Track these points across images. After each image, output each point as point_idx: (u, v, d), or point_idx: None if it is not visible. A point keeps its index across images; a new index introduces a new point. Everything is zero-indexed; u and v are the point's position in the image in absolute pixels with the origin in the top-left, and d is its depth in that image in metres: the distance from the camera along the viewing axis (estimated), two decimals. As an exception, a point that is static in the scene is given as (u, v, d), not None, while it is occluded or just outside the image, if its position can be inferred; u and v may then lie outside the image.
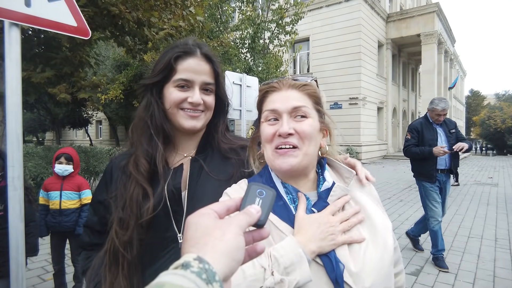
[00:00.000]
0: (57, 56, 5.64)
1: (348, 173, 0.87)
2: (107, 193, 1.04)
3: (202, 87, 1.01)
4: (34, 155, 6.60)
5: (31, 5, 2.01)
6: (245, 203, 0.50)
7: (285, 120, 0.80)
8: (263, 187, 0.52)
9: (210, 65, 1.03)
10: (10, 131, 1.82)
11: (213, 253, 0.39)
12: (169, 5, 6.01)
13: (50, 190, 3.09)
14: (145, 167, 0.98)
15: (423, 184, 4.14)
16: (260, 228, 0.49)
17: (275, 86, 0.85)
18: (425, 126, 4.15)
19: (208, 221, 0.44)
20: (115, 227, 0.95)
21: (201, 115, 1.02)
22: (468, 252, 4.50)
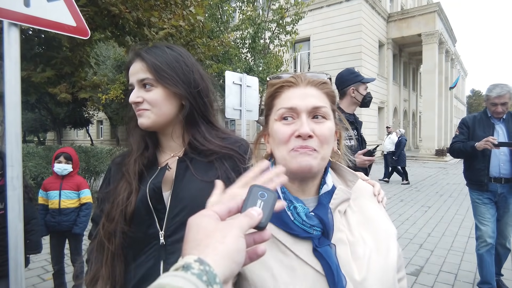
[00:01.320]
0: (57, 56, 5.65)
1: (352, 176, 0.84)
2: (105, 186, 1.13)
3: (139, 85, 1.04)
4: (35, 155, 6.61)
5: (30, 5, 2.01)
6: (246, 205, 0.49)
7: (304, 120, 0.73)
8: (265, 189, 0.52)
9: (142, 62, 1.04)
10: (9, 131, 1.82)
11: (214, 255, 0.39)
12: (169, 5, 6.02)
13: (49, 190, 3.10)
14: (133, 167, 1.04)
15: (471, 194, 3.39)
16: (261, 230, 0.49)
17: (292, 81, 0.77)
18: (478, 121, 3.26)
19: (209, 223, 0.44)
20: (103, 219, 1.03)
21: (145, 112, 1.03)
22: (468, 252, 4.49)
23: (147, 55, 1.05)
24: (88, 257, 1.12)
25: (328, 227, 0.72)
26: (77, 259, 3.23)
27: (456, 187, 10.34)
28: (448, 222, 6.07)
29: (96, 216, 1.14)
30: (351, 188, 0.83)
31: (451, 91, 27.49)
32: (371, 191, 0.90)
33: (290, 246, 0.72)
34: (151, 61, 1.03)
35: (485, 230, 3.18)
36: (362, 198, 0.85)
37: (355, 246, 0.74)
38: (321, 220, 0.73)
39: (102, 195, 1.11)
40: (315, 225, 0.72)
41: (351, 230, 0.77)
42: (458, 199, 8.35)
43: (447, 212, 6.85)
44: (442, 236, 5.22)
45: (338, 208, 0.78)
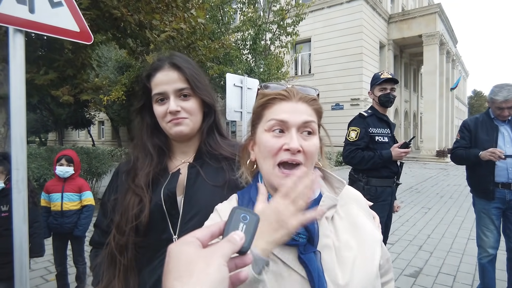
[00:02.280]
0: (60, 59, 5.69)
1: (339, 183, 0.86)
2: (113, 194, 1.13)
3: (177, 94, 1.06)
4: (37, 156, 6.66)
5: (35, 12, 2.05)
6: (228, 229, 0.48)
7: (294, 135, 0.75)
8: (247, 211, 0.51)
9: (179, 72, 1.06)
10: (14, 134, 1.86)
11: (198, 286, 0.38)
12: (170, 7, 6.06)
13: (52, 192, 3.14)
14: (139, 178, 1.05)
15: (476, 201, 3.15)
16: (243, 255, 0.48)
17: (285, 95, 0.79)
18: (481, 123, 3.04)
19: (190, 251, 0.43)
20: (113, 232, 1.03)
21: (185, 120, 1.06)
22: (467, 254, 4.51)
23: (183, 65, 1.07)
24: (92, 264, 1.13)
25: (313, 235, 0.75)
26: (79, 260, 3.27)
27: (457, 188, 10.36)
28: (448, 223, 6.08)
29: (100, 222, 1.16)
30: (338, 195, 0.85)
31: (452, 92, 27.48)
32: (359, 198, 0.92)
33: (277, 253, 0.74)
34: (189, 72, 1.07)
35: (488, 241, 3.02)
36: (350, 204, 0.87)
37: (341, 251, 0.76)
38: (306, 228, 0.75)
39: (111, 204, 1.10)
40: (301, 232, 0.74)
41: (338, 235, 0.79)
42: (459, 200, 8.37)
43: (447, 214, 6.87)
44: (441, 237, 5.25)
45: (326, 215, 0.80)
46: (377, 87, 2.91)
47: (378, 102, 2.92)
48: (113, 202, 1.09)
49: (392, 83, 2.89)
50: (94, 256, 1.16)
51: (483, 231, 3.05)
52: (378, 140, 2.84)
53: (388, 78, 2.86)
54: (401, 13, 22.89)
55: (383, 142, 2.86)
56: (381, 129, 2.89)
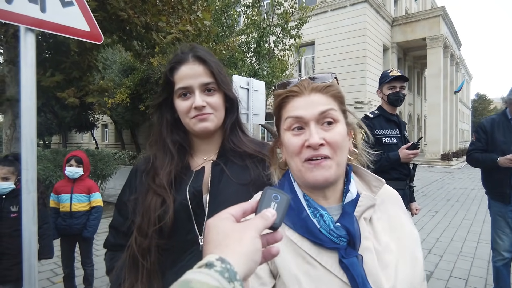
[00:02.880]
0: (66, 61, 5.71)
1: (377, 181, 0.82)
2: (132, 194, 1.07)
3: (202, 89, 1.02)
4: (43, 158, 6.67)
5: (46, 11, 2.04)
6: (261, 207, 0.51)
7: (313, 129, 0.72)
8: (278, 191, 0.54)
9: (204, 65, 1.03)
10: (24, 135, 1.84)
11: (234, 254, 0.42)
12: (176, 9, 6.07)
13: (61, 193, 3.12)
14: (160, 178, 1.00)
15: (491, 204, 3.09)
16: (275, 231, 0.51)
17: (295, 91, 0.76)
18: (498, 125, 2.95)
19: (227, 225, 0.47)
20: (135, 234, 0.98)
21: (210, 116, 1.02)
22: (477, 257, 4.45)
23: (208, 59, 1.03)
24: (109, 268, 1.08)
25: (355, 238, 0.71)
26: (87, 262, 3.24)
27: (463, 191, 10.27)
28: (456, 227, 6.01)
29: (117, 223, 1.10)
30: (375, 194, 0.81)
31: (456, 95, 27.36)
32: (396, 196, 0.88)
33: (315, 256, 0.71)
34: (214, 65, 1.03)
35: (503, 244, 2.96)
36: (387, 203, 0.83)
37: (382, 254, 0.73)
38: (347, 230, 0.71)
39: (132, 204, 1.04)
40: (342, 235, 0.71)
41: (377, 237, 0.75)
42: (466, 203, 8.28)
43: (455, 217, 6.79)
44: (450, 241, 5.18)
45: (364, 216, 0.76)
46: (385, 85, 2.82)
47: (387, 101, 2.82)
48: (133, 202, 1.04)
49: (401, 81, 2.79)
50: (110, 259, 1.10)
51: (499, 234, 2.98)
52: (385, 142, 2.75)
53: (398, 75, 2.76)
54: (404, 16, 22.86)
55: (390, 143, 2.76)
56: (388, 129, 2.80)
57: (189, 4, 6.35)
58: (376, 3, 19.67)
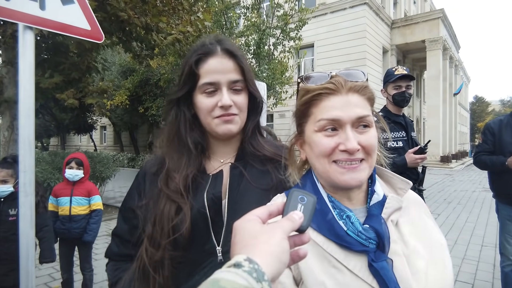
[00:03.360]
0: (65, 62, 5.66)
1: (403, 183, 0.78)
2: (140, 199, 0.97)
3: (230, 86, 0.93)
4: (41, 160, 6.59)
5: (45, 8, 1.98)
6: (287, 209, 0.51)
7: (350, 133, 0.67)
8: (304, 193, 0.53)
9: (234, 60, 0.94)
10: (22, 136, 1.78)
11: (261, 255, 0.42)
12: (177, 10, 6.03)
13: (60, 196, 3.05)
14: (176, 182, 0.90)
15: (500, 208, 2.98)
16: (302, 233, 0.51)
17: (332, 88, 0.70)
18: (506, 125, 2.85)
19: (254, 226, 0.47)
20: (145, 244, 0.88)
21: (235, 118, 0.93)
22: (482, 261, 4.39)
23: (238, 53, 0.94)
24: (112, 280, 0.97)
25: (384, 240, 0.67)
26: (86, 267, 3.17)
27: (464, 194, 10.23)
28: (459, 230, 5.96)
29: (121, 230, 1.00)
30: (402, 196, 0.77)
31: (455, 97, 27.41)
32: (421, 202, 0.84)
33: (342, 260, 0.67)
34: (244, 61, 0.95)
35: (511, 249, 2.86)
36: (412, 208, 0.79)
37: (412, 258, 0.69)
38: (377, 232, 0.67)
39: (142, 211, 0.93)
40: (371, 237, 0.67)
41: (405, 241, 0.71)
42: (467, 206, 8.24)
43: (457, 220, 6.74)
44: (454, 244, 5.12)
45: (391, 218, 0.72)
46: (390, 85, 2.66)
47: (392, 102, 2.68)
48: (144, 208, 0.93)
49: (407, 80, 2.64)
50: (114, 270, 0.99)
51: (507, 238, 2.88)
52: (390, 146, 2.59)
53: (403, 74, 2.61)
54: (403, 19, 22.90)
55: (396, 147, 2.62)
56: (394, 132, 2.65)
57: (189, 5, 6.31)
58: (375, 6, 19.71)
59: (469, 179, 14.38)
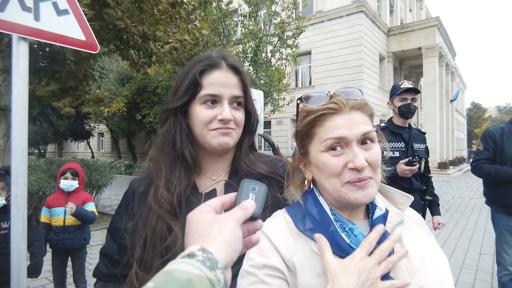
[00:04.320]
0: (62, 70, 5.64)
1: (404, 198, 0.79)
2: (128, 219, 0.94)
3: (231, 101, 0.92)
4: (36, 168, 6.53)
5: (40, 19, 1.98)
6: (240, 199, 0.53)
7: (357, 151, 0.68)
8: (255, 182, 0.56)
9: (238, 77, 0.94)
10: (15, 147, 1.76)
11: (215, 244, 0.44)
12: (174, 19, 6.06)
13: (54, 207, 3.01)
14: (167, 199, 0.87)
15: (496, 217, 2.93)
16: (255, 221, 0.53)
17: (335, 108, 0.71)
18: (507, 134, 2.76)
19: (207, 217, 0.49)
20: (135, 268, 0.85)
21: (232, 132, 0.92)
22: (481, 270, 4.36)
23: (242, 70, 0.95)
24: None
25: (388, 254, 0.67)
26: (80, 278, 3.12)
27: (462, 201, 10.22)
28: (457, 238, 5.93)
29: (110, 250, 0.97)
30: (403, 211, 0.78)
31: (452, 104, 27.56)
32: (421, 220, 0.83)
33: None
34: (247, 80, 0.95)
35: (509, 259, 2.81)
36: (412, 224, 0.79)
37: (414, 274, 0.69)
38: None
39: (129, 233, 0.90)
40: None
41: (408, 257, 0.71)
42: (465, 213, 8.22)
43: (455, 228, 6.71)
44: (452, 253, 5.09)
45: (394, 233, 0.72)
46: (396, 97, 2.80)
47: (398, 113, 2.80)
48: (131, 230, 0.90)
49: (413, 93, 2.76)
50: None
51: (504, 248, 2.84)
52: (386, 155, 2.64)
53: (409, 88, 2.74)
54: (400, 26, 23.11)
55: (392, 157, 2.70)
56: (393, 143, 2.75)
57: (186, 14, 6.34)
58: (372, 13, 19.90)
59: (466, 185, 14.38)
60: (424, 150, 2.87)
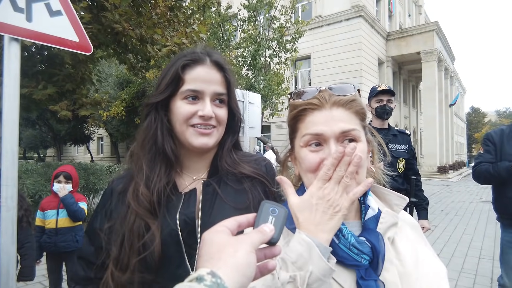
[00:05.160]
0: (59, 73, 5.64)
1: (399, 200, 0.76)
2: (106, 220, 0.91)
3: (213, 98, 0.90)
4: (34, 172, 6.51)
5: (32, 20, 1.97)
6: (258, 221, 0.51)
7: (333, 149, 0.65)
8: (276, 205, 0.53)
9: (222, 74, 0.92)
10: (5, 149, 1.75)
11: (226, 268, 0.41)
12: (172, 22, 6.07)
13: (47, 209, 2.98)
14: (147, 197, 0.84)
15: (503, 233, 2.61)
16: (273, 246, 0.50)
17: (315, 104, 0.69)
18: (508, 136, 2.56)
19: (221, 238, 0.46)
20: (111, 268, 0.82)
21: (213, 131, 0.90)
22: (480, 274, 4.32)
23: (226, 67, 0.93)
24: None
25: (379, 257, 0.64)
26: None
27: (461, 205, 10.18)
28: (457, 242, 5.89)
29: (87, 253, 0.93)
30: (398, 213, 0.75)
31: (451, 108, 27.59)
32: (416, 224, 0.81)
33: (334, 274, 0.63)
34: (231, 77, 0.93)
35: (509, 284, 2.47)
36: (407, 227, 0.77)
37: (407, 278, 0.66)
38: (373, 247, 0.64)
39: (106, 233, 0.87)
40: (366, 252, 0.64)
41: (401, 259, 0.68)
42: (465, 217, 8.18)
43: (455, 232, 6.68)
44: (451, 257, 5.05)
45: (388, 235, 0.70)
46: (373, 99, 2.86)
47: (375, 114, 2.86)
48: (108, 230, 0.87)
49: (388, 95, 2.82)
50: None
51: (507, 270, 2.47)
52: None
53: (384, 89, 2.81)
54: (399, 31, 23.20)
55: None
56: None
57: (185, 18, 6.36)
58: (371, 18, 19.98)
59: (466, 189, 14.34)
60: (405, 151, 2.88)
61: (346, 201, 0.60)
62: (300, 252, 0.57)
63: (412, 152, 2.93)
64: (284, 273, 0.57)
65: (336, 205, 0.60)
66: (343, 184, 0.61)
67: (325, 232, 0.59)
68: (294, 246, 0.58)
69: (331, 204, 0.60)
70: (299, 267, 0.57)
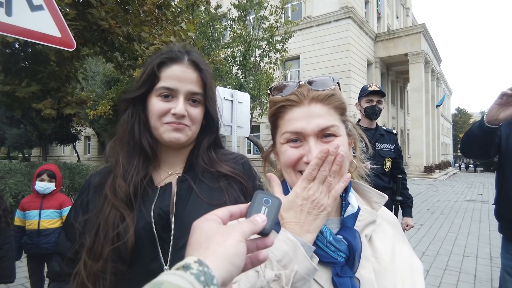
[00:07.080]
0: (44, 70, 5.52)
1: (379, 197, 0.76)
2: (81, 212, 0.92)
3: (187, 97, 0.92)
4: (17, 171, 6.35)
5: (12, 15, 1.92)
6: (251, 211, 0.50)
7: (312, 145, 0.65)
8: (269, 195, 0.52)
9: (198, 73, 0.93)
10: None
11: (214, 257, 0.40)
12: (160, 20, 6.00)
13: (28, 209, 2.88)
14: (124, 189, 0.86)
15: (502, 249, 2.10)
16: (265, 237, 0.49)
17: (294, 100, 0.69)
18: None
19: (211, 227, 0.45)
20: (84, 258, 0.82)
21: (185, 128, 0.91)
22: (464, 271, 4.40)
23: (204, 67, 0.93)
24: None
25: (356, 255, 0.64)
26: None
27: (447, 204, 10.37)
28: (442, 240, 5.99)
29: (63, 248, 0.93)
30: (377, 210, 0.75)
31: (438, 109, 28.09)
32: (396, 221, 0.81)
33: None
34: (208, 78, 0.94)
35: None
36: (386, 225, 0.77)
37: (383, 275, 0.66)
38: (349, 245, 0.64)
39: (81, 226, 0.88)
40: (342, 250, 0.64)
41: (377, 257, 0.69)
42: (450, 216, 8.33)
43: (440, 230, 6.79)
44: (436, 255, 5.14)
45: (365, 232, 0.70)
46: (364, 99, 2.89)
47: (364, 114, 2.89)
48: (83, 223, 0.88)
49: (379, 96, 2.86)
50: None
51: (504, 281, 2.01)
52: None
53: (375, 90, 2.84)
54: (387, 33, 23.51)
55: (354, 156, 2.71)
56: None
57: (173, 16, 6.29)
58: (359, 20, 20.19)
59: (452, 189, 14.62)
60: (391, 150, 2.92)
61: (330, 200, 0.61)
62: (286, 251, 0.57)
63: (399, 151, 2.97)
64: (270, 271, 0.56)
65: (321, 205, 0.60)
66: (327, 183, 0.61)
67: (309, 232, 0.60)
68: (280, 244, 0.58)
69: (315, 205, 0.60)
70: (284, 265, 0.57)
